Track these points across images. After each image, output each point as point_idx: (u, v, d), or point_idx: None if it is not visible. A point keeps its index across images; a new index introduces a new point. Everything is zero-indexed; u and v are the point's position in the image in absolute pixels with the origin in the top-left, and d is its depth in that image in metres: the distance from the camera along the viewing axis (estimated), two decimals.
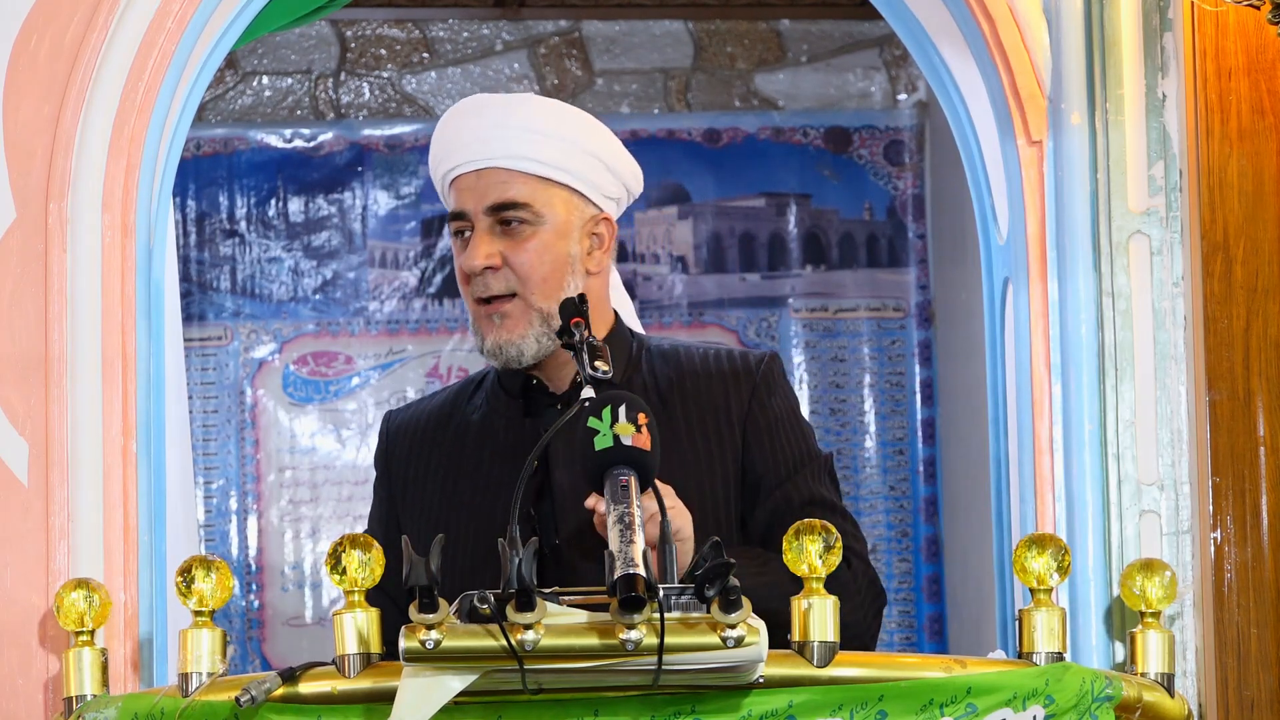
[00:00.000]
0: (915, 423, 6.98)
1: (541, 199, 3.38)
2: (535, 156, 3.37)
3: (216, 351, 6.90)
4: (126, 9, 3.51)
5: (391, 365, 6.94)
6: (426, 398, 3.61)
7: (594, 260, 3.42)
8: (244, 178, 6.92)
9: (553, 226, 3.38)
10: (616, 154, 3.46)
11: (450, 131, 3.44)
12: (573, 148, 3.39)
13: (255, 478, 6.88)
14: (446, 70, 7.07)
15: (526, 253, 3.37)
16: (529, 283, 3.36)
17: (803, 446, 3.43)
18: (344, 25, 7.05)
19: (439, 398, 3.56)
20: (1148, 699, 3.17)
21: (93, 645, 3.24)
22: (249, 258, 6.92)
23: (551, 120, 3.41)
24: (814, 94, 7.00)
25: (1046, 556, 3.15)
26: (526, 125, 3.39)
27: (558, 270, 3.37)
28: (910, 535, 7.01)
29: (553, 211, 3.38)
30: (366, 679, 3.05)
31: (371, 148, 6.94)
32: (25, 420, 3.45)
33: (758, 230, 6.97)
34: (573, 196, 3.40)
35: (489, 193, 3.38)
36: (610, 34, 7.11)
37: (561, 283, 3.37)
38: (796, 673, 3.03)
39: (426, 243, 6.94)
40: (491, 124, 3.40)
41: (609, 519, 2.89)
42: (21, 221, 3.48)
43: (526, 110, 3.42)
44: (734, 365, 3.45)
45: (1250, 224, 3.60)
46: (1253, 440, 3.57)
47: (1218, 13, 3.59)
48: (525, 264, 3.36)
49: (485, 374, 3.53)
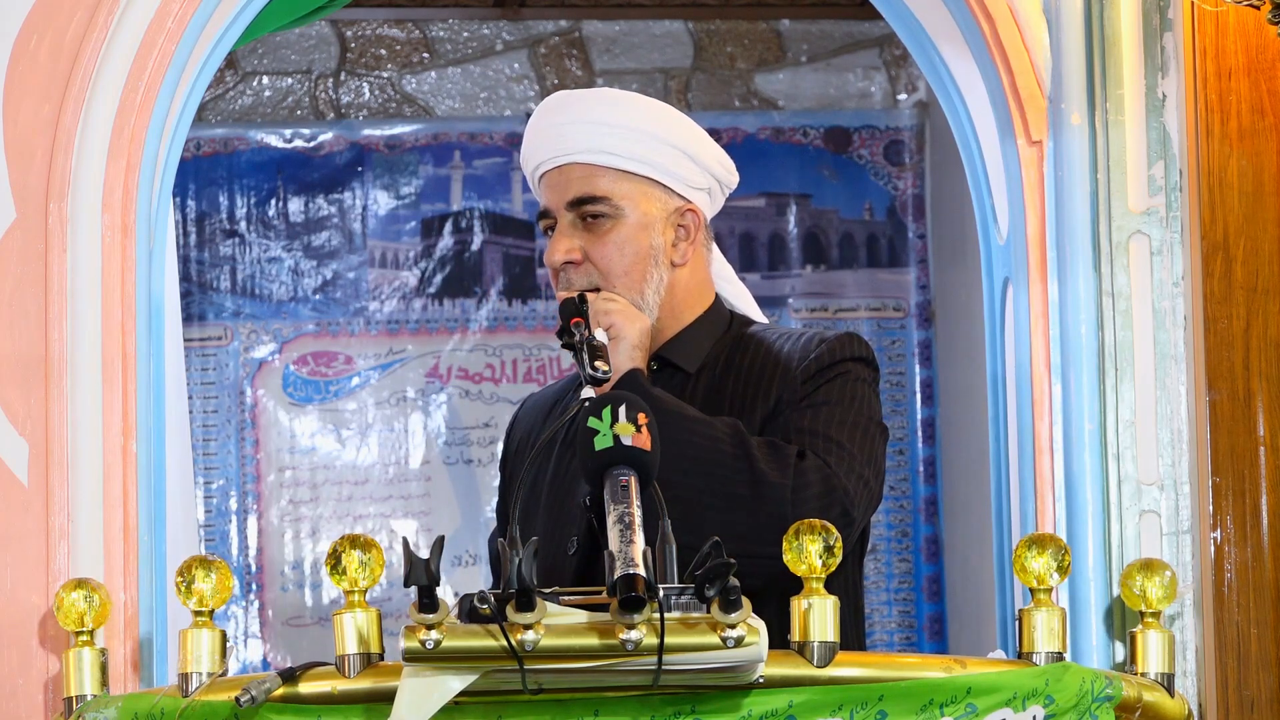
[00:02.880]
0: (915, 423, 6.98)
1: (621, 192, 3.39)
2: (614, 150, 3.39)
3: (216, 351, 6.89)
4: (126, 9, 3.51)
5: (391, 365, 6.94)
6: (555, 383, 3.67)
7: (679, 252, 3.43)
8: (244, 178, 6.92)
9: (634, 219, 3.40)
10: (700, 143, 3.46)
11: (535, 130, 3.47)
12: (652, 140, 3.40)
13: (255, 478, 6.87)
14: (446, 70, 7.07)
15: (606, 246, 3.38)
16: (610, 276, 3.38)
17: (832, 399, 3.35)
18: (344, 25, 7.05)
19: (559, 384, 3.63)
20: (1148, 699, 3.17)
21: (93, 645, 3.24)
22: (249, 258, 6.92)
23: (631, 114, 3.42)
24: (814, 94, 7.00)
25: (1046, 556, 3.15)
26: (605, 120, 3.40)
27: (640, 263, 3.38)
28: (910, 535, 7.01)
29: (633, 204, 3.39)
30: (366, 679, 3.05)
31: (371, 148, 6.94)
32: (25, 420, 3.45)
33: (758, 230, 6.97)
34: (654, 189, 3.41)
35: (569, 188, 3.41)
36: (610, 34, 7.11)
37: (644, 275, 3.38)
38: (796, 673, 3.03)
39: (426, 243, 6.94)
40: (572, 120, 3.42)
41: (609, 519, 2.89)
42: (21, 221, 3.48)
43: (606, 105, 3.44)
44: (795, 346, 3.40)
45: (1250, 224, 3.60)
46: (1253, 440, 3.57)
47: (1218, 13, 3.59)
48: (606, 258, 3.38)
49: None
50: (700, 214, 3.46)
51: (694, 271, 3.46)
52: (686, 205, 3.44)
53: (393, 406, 6.92)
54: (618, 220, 3.39)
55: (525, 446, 3.57)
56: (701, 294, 3.48)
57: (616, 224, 3.39)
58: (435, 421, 6.89)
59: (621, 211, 3.39)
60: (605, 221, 3.39)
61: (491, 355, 6.94)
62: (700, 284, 3.48)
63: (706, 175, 3.46)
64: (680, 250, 3.43)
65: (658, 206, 3.42)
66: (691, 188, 3.44)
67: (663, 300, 3.42)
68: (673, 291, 3.43)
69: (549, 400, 3.61)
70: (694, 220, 3.45)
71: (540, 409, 3.61)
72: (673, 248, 3.43)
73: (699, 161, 3.44)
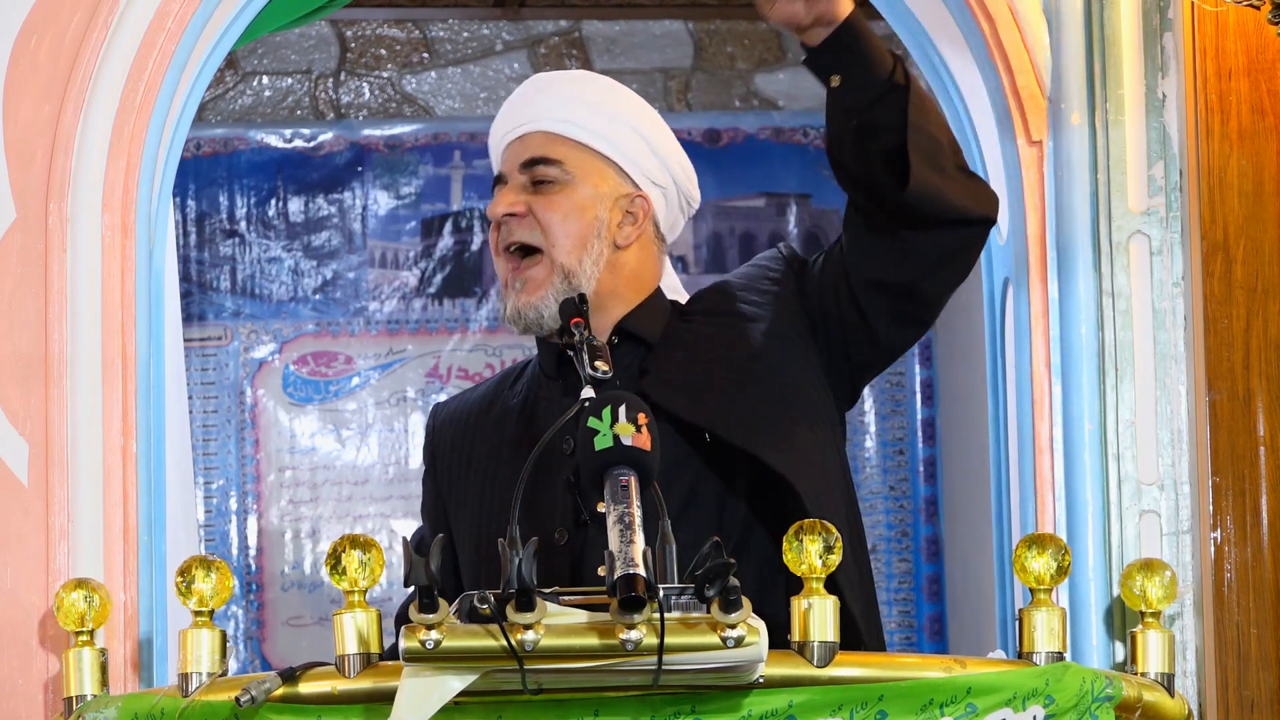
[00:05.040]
0: (915, 423, 6.98)
1: (576, 161, 3.40)
2: (577, 121, 3.40)
3: (216, 351, 6.89)
4: (126, 9, 3.51)
5: (391, 365, 6.94)
6: (472, 388, 3.63)
7: (623, 233, 3.43)
8: (244, 178, 6.92)
9: (584, 190, 3.40)
10: (665, 140, 3.47)
11: (505, 106, 3.49)
12: (616, 121, 3.41)
13: (255, 478, 6.87)
14: (446, 70, 7.07)
15: (552, 207, 3.39)
16: (551, 234, 3.37)
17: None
18: (344, 25, 7.05)
19: (483, 387, 3.58)
20: (1148, 699, 3.17)
21: (93, 645, 3.24)
22: (249, 258, 6.92)
23: (602, 94, 3.44)
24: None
25: (1046, 556, 3.15)
26: (574, 95, 3.42)
27: (583, 230, 3.38)
28: (910, 535, 7.01)
29: (585, 175, 3.40)
30: (366, 679, 3.05)
31: (371, 148, 6.94)
32: (25, 420, 3.45)
33: (758, 230, 6.97)
34: (609, 168, 3.42)
35: (526, 151, 3.42)
36: (610, 34, 7.11)
37: (585, 243, 3.38)
38: (796, 673, 3.03)
39: (426, 243, 6.94)
40: (541, 90, 3.44)
41: (609, 519, 2.89)
42: (21, 221, 3.48)
43: (580, 82, 3.47)
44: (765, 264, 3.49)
45: (1250, 224, 3.60)
46: (1253, 440, 3.57)
47: (1218, 13, 3.59)
48: (549, 218, 3.38)
49: (529, 361, 3.54)
50: (650, 205, 3.45)
51: (641, 260, 3.46)
52: (638, 193, 3.44)
53: (393, 406, 6.92)
54: (567, 185, 3.39)
55: (456, 450, 3.53)
56: (646, 281, 3.47)
57: (565, 188, 3.39)
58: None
59: (572, 178, 3.39)
60: (555, 186, 3.39)
61: (491, 355, 6.94)
62: (648, 273, 3.47)
63: (665, 172, 3.46)
64: (625, 232, 3.42)
65: (609, 185, 3.42)
66: (647, 179, 3.44)
67: (604, 277, 3.40)
68: (617, 271, 3.42)
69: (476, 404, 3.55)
70: (643, 208, 3.44)
71: (468, 413, 3.55)
72: (618, 228, 3.42)
73: (659, 155, 3.44)
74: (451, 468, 3.52)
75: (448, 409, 3.60)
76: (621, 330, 3.42)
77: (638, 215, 3.44)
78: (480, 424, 3.51)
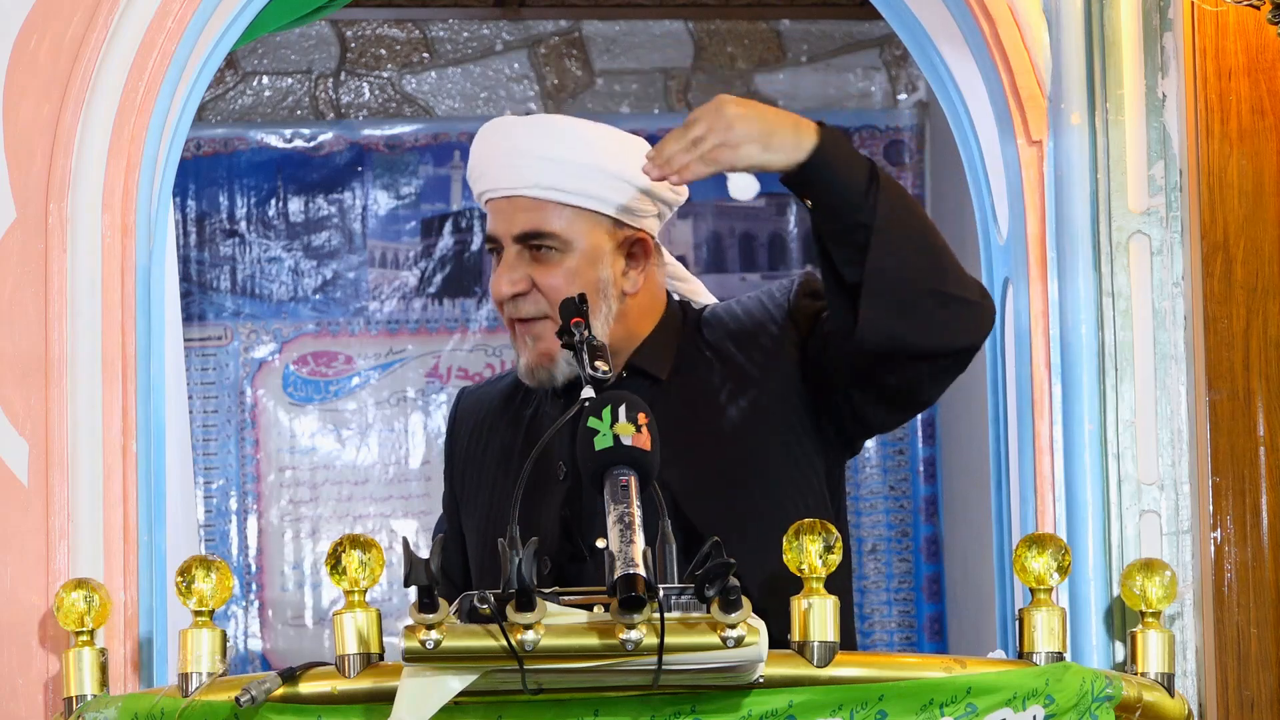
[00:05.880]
0: (915, 423, 6.97)
1: (569, 227, 3.36)
2: (561, 187, 3.36)
3: (216, 351, 6.90)
4: (126, 9, 3.51)
5: (391, 365, 6.94)
6: (497, 378, 3.62)
7: (629, 280, 3.40)
8: (244, 178, 6.92)
9: (581, 253, 3.37)
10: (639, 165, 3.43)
11: (480, 156, 3.44)
12: (599, 174, 3.37)
13: (255, 478, 6.88)
14: (446, 70, 7.07)
15: (555, 277, 3.36)
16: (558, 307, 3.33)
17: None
18: (344, 25, 7.05)
19: (506, 380, 3.57)
20: (1148, 699, 3.17)
21: (93, 645, 3.24)
22: (249, 258, 6.92)
23: (577, 148, 3.38)
24: (814, 94, 7.00)
25: (1046, 556, 3.15)
26: (551, 155, 3.37)
27: (590, 294, 3.33)
28: (910, 535, 7.01)
29: (581, 237, 3.37)
30: (366, 679, 3.05)
31: (371, 148, 6.94)
32: (25, 420, 3.45)
33: (758, 230, 6.97)
34: (602, 221, 3.38)
35: (516, 220, 3.38)
36: (610, 34, 7.11)
37: (594, 308, 3.34)
38: (796, 673, 3.03)
39: (426, 243, 6.94)
40: (517, 151, 3.38)
41: (609, 519, 2.89)
42: (21, 221, 3.48)
43: (553, 138, 3.39)
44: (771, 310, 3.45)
45: (1250, 224, 3.60)
46: (1253, 440, 3.57)
47: (1218, 13, 3.59)
48: (554, 288, 3.35)
49: None
50: (649, 241, 3.43)
51: (649, 292, 3.44)
52: (635, 234, 3.41)
53: (393, 406, 6.92)
54: (565, 253, 3.36)
55: (474, 442, 3.53)
56: (656, 306, 3.46)
57: (565, 256, 3.36)
58: (435, 421, 6.89)
59: (570, 245, 3.36)
60: (553, 254, 3.36)
61: (491, 355, 6.94)
62: (653, 300, 3.45)
63: (655, 202, 3.43)
64: (631, 279, 3.40)
65: (605, 238, 3.39)
66: (640, 217, 3.41)
67: (615, 328, 3.38)
68: (627, 316, 3.40)
69: (499, 397, 3.55)
70: (643, 249, 3.42)
71: (489, 406, 3.55)
72: (623, 276, 3.40)
73: (647, 190, 3.40)
74: (468, 458, 3.53)
75: (470, 399, 3.61)
76: (631, 366, 3.41)
77: (639, 257, 3.42)
78: (498, 421, 3.51)
